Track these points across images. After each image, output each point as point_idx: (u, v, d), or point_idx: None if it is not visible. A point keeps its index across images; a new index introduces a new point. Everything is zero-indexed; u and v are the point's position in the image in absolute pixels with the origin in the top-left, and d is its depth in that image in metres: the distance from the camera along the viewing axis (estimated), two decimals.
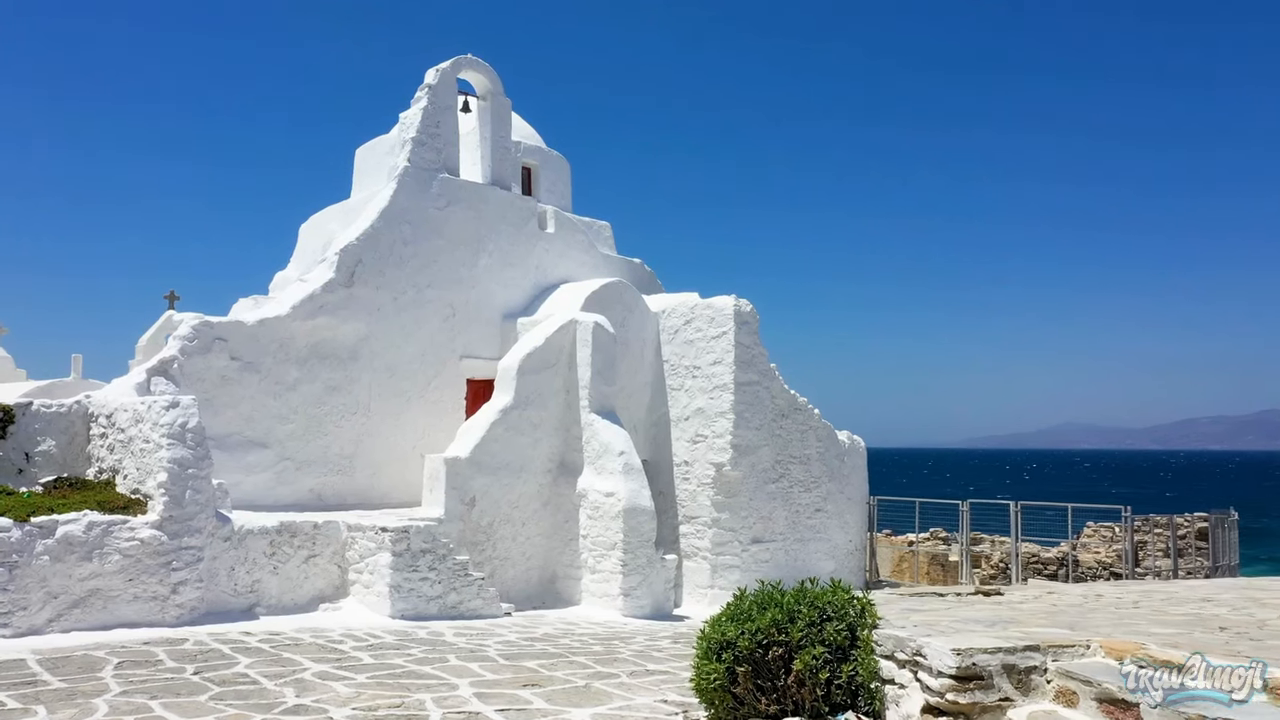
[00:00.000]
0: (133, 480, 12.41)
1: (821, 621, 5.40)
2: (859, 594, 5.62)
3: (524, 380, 16.16)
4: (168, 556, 11.68)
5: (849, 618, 5.40)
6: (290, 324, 15.35)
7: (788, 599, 5.61)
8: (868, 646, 5.30)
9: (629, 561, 15.54)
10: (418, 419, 16.95)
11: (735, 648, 5.43)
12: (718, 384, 18.12)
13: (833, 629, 5.33)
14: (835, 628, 5.34)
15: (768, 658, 5.38)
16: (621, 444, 16.24)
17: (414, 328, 16.94)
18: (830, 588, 5.63)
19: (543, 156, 20.43)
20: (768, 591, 5.78)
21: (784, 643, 5.34)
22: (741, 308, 18.25)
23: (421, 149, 17.21)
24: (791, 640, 5.33)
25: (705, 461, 18.09)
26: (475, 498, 15.27)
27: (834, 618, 5.42)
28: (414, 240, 16.95)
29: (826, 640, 5.31)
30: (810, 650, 5.22)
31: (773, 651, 5.36)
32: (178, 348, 14.26)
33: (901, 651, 5.11)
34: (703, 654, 5.70)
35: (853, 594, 5.60)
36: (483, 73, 18.45)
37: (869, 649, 5.30)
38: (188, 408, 12.18)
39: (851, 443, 20.92)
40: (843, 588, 5.63)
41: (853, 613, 5.44)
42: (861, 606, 5.48)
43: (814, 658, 5.20)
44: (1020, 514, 19.57)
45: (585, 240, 19.98)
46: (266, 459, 15.14)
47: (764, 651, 5.40)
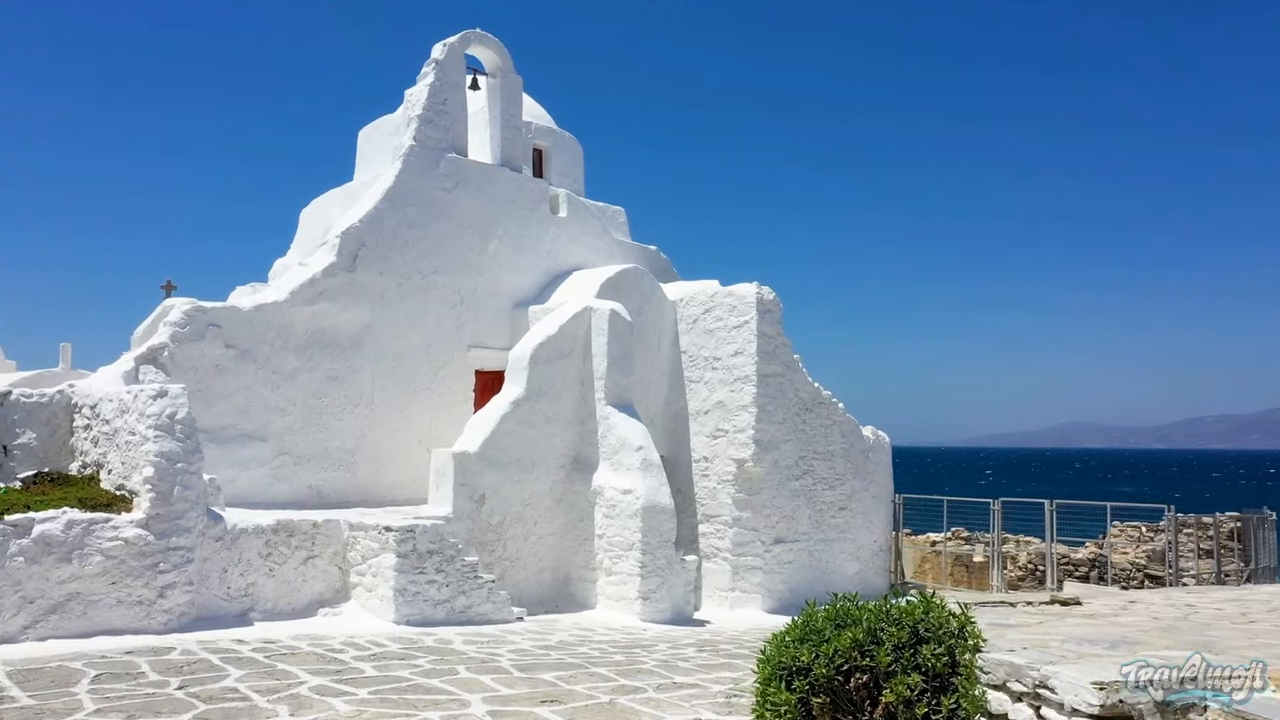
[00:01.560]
0: (118, 475, 11.52)
1: (914, 643, 4.49)
2: (957, 608, 4.71)
3: (536, 371, 15.25)
4: (154, 558, 10.78)
5: (946, 639, 4.49)
6: (289, 310, 14.45)
7: (868, 615, 4.70)
8: (971, 674, 4.41)
9: (647, 563, 14.65)
10: (424, 411, 16.05)
11: (810, 674, 4.52)
12: (739, 376, 17.22)
13: (929, 652, 4.42)
14: (932, 651, 4.43)
15: (849, 686, 4.48)
16: (639, 438, 15.33)
17: (420, 315, 16.04)
18: (921, 601, 4.72)
19: (554, 138, 19.52)
20: (843, 605, 4.87)
21: (869, 669, 4.44)
22: (764, 296, 17.35)
23: (428, 127, 16.30)
24: (879, 666, 4.42)
25: (726, 457, 17.19)
26: (485, 495, 14.37)
27: (929, 638, 4.51)
28: (420, 223, 16.04)
29: (922, 666, 4.40)
30: (903, 679, 4.32)
31: (855, 679, 4.46)
32: (168, 334, 13.37)
33: (1018, 681, 4.22)
34: (767, 680, 4.79)
35: (948, 609, 4.69)
36: (492, 48, 17.54)
37: (973, 677, 4.41)
38: (176, 397, 11.28)
39: (876, 438, 20.02)
40: (936, 602, 4.72)
41: (950, 632, 4.53)
42: (960, 625, 4.57)
43: (908, 687, 4.30)
44: (1055, 513, 18.68)
45: (599, 225, 19.07)
46: (263, 453, 14.25)
47: (844, 679, 4.49)
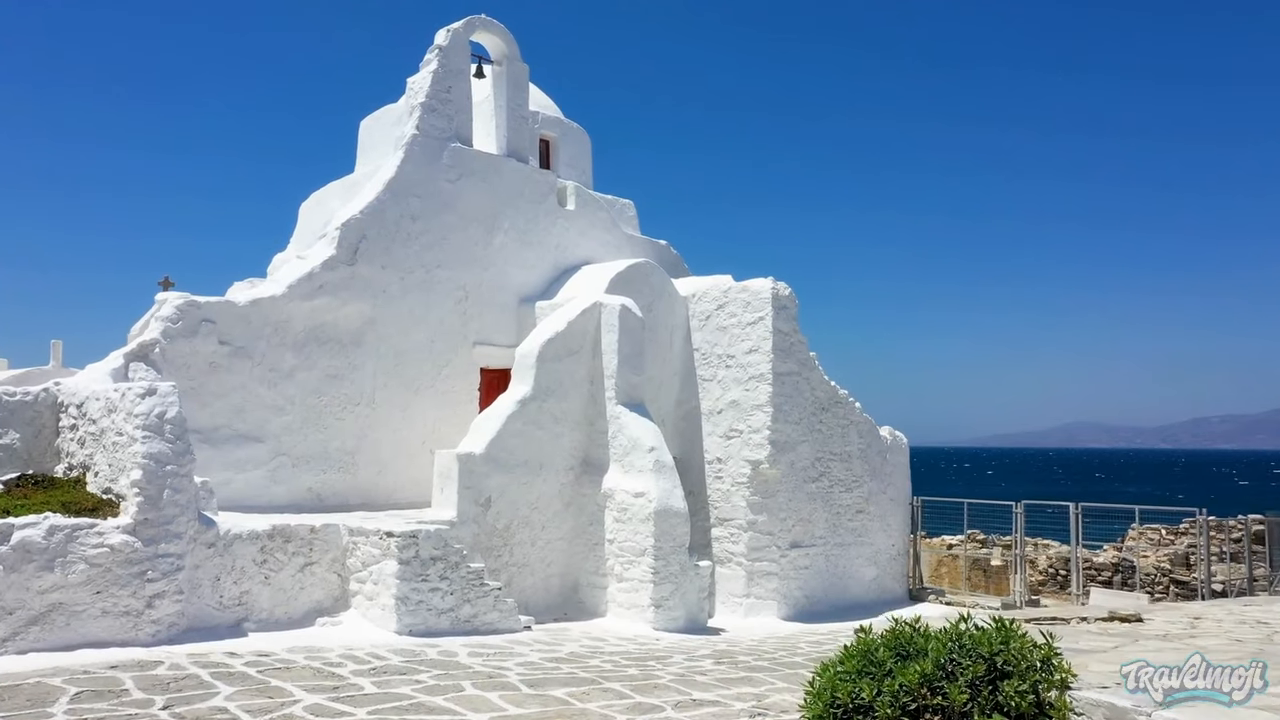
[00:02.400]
0: (105, 478, 10.92)
1: (993, 678, 3.88)
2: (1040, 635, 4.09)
3: (544, 369, 14.64)
4: (142, 565, 10.18)
5: (1030, 673, 3.88)
6: (286, 305, 13.85)
7: (935, 644, 4.08)
8: (1063, 716, 3.80)
9: (660, 569, 14.04)
10: (427, 411, 15.45)
11: (872, 715, 3.91)
12: (753, 374, 16.60)
13: (1011, 689, 3.81)
14: (1015, 688, 3.82)
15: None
16: (651, 439, 14.72)
17: (423, 311, 15.43)
18: (996, 627, 4.10)
19: (562, 128, 18.90)
20: (904, 631, 4.25)
21: (942, 709, 3.83)
22: (780, 291, 16.74)
23: (431, 116, 15.69)
24: (954, 705, 3.81)
25: (740, 459, 16.57)
26: (490, 498, 13.77)
27: (1010, 672, 3.89)
28: (423, 215, 15.43)
29: (1004, 706, 3.79)
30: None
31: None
32: (160, 330, 12.77)
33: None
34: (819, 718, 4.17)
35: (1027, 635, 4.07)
36: (498, 35, 16.93)
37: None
38: (166, 396, 10.68)
39: (894, 439, 19.42)
40: (1014, 628, 4.10)
41: (1033, 665, 3.92)
42: (1045, 656, 3.96)
43: None
44: (1081, 516, 18.04)
45: (608, 219, 18.46)
46: (259, 455, 13.65)
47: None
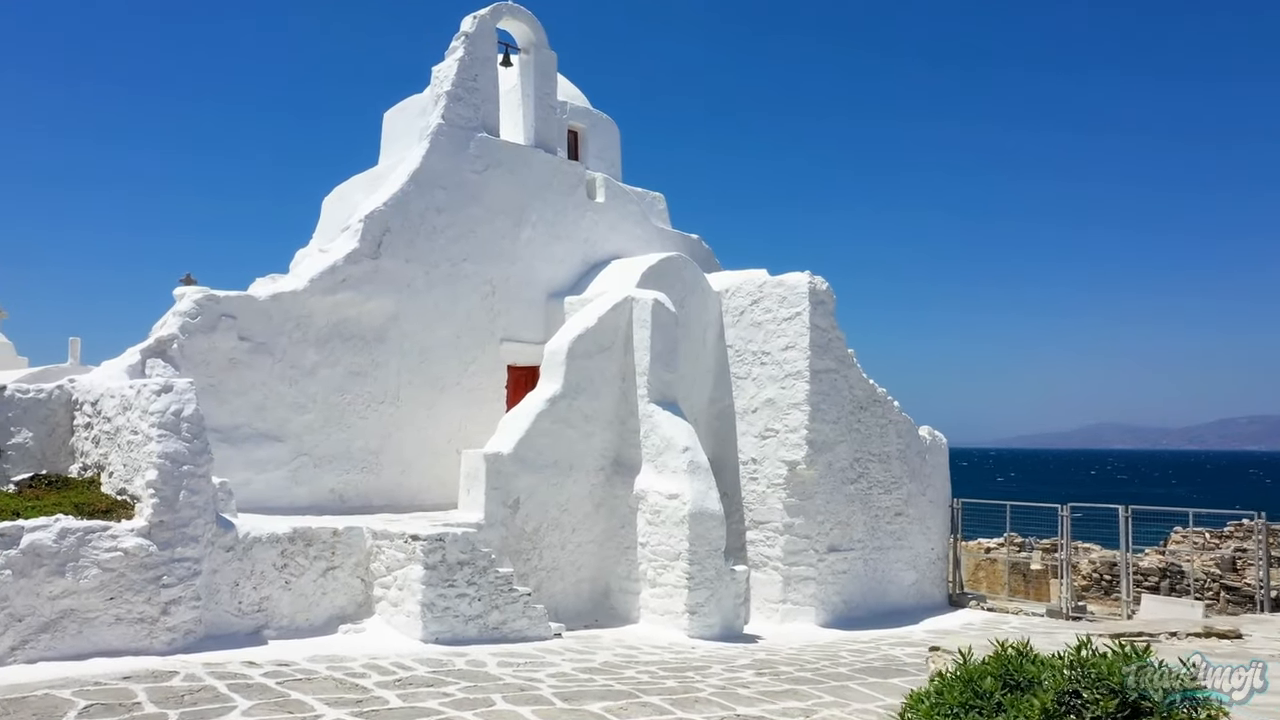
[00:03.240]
0: (119, 479, 10.48)
1: (1128, 715, 3.29)
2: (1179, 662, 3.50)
3: (574, 365, 14.11)
4: (157, 570, 9.71)
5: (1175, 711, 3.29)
6: (308, 299, 13.38)
7: (1052, 674, 3.49)
8: None
9: (695, 574, 13.47)
10: (453, 410, 14.95)
11: None
12: (790, 372, 16.00)
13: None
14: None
15: None
16: (685, 438, 14.16)
17: (449, 306, 14.93)
18: (1122, 652, 3.52)
19: (590, 119, 18.36)
20: (1009, 656, 3.67)
21: None
22: (817, 285, 16.13)
23: (457, 105, 15.19)
24: None
25: (776, 459, 15.97)
26: (519, 500, 13.25)
27: (1147, 709, 3.31)
28: (448, 207, 14.93)
29: None
30: None
31: None
32: (178, 325, 12.33)
33: None
34: None
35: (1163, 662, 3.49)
36: (525, 22, 16.42)
37: None
38: (183, 393, 10.22)
39: (933, 439, 18.77)
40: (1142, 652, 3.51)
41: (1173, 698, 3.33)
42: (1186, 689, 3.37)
43: None
44: (1131, 519, 17.31)
45: (638, 212, 17.91)
46: (280, 454, 13.18)
47: None
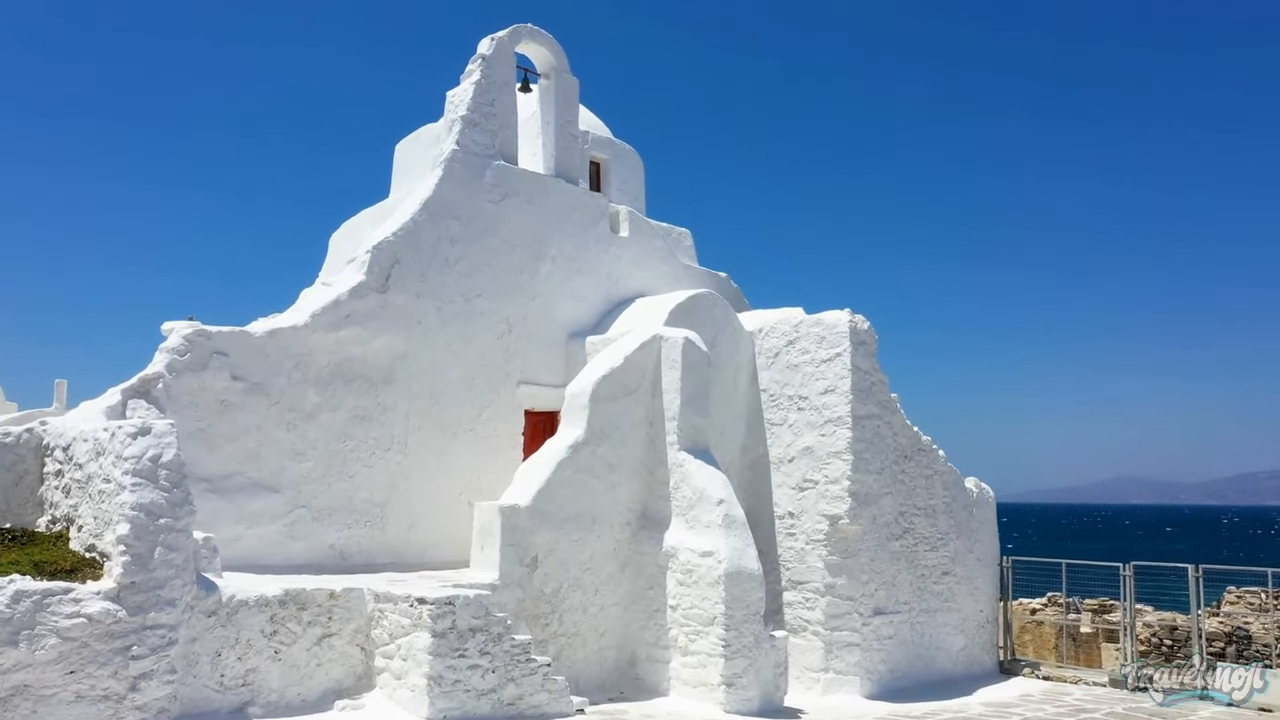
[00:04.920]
0: (89, 533, 9.28)
1: None
2: None
3: (598, 409, 12.91)
4: (126, 639, 8.48)
5: None
6: (309, 336, 12.26)
7: None
8: None
9: (732, 641, 12.14)
10: (465, 458, 13.74)
11: None
12: (830, 418, 14.76)
13: None
14: None
15: None
16: (720, 490, 12.91)
17: (462, 345, 13.80)
18: None
19: (613, 150, 17.37)
20: None
21: None
22: (858, 325, 14.95)
23: (473, 130, 14.19)
24: None
25: (816, 513, 14.67)
26: (537, 558, 11.99)
27: None
28: (463, 239, 13.87)
29: None
30: None
31: None
32: (164, 363, 11.21)
33: None
34: None
35: None
36: (546, 46, 15.49)
37: None
38: (162, 436, 9.06)
39: (980, 492, 17.45)
40: None
41: None
42: None
43: None
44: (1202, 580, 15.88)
45: (664, 248, 16.83)
46: (275, 506, 11.98)
47: None
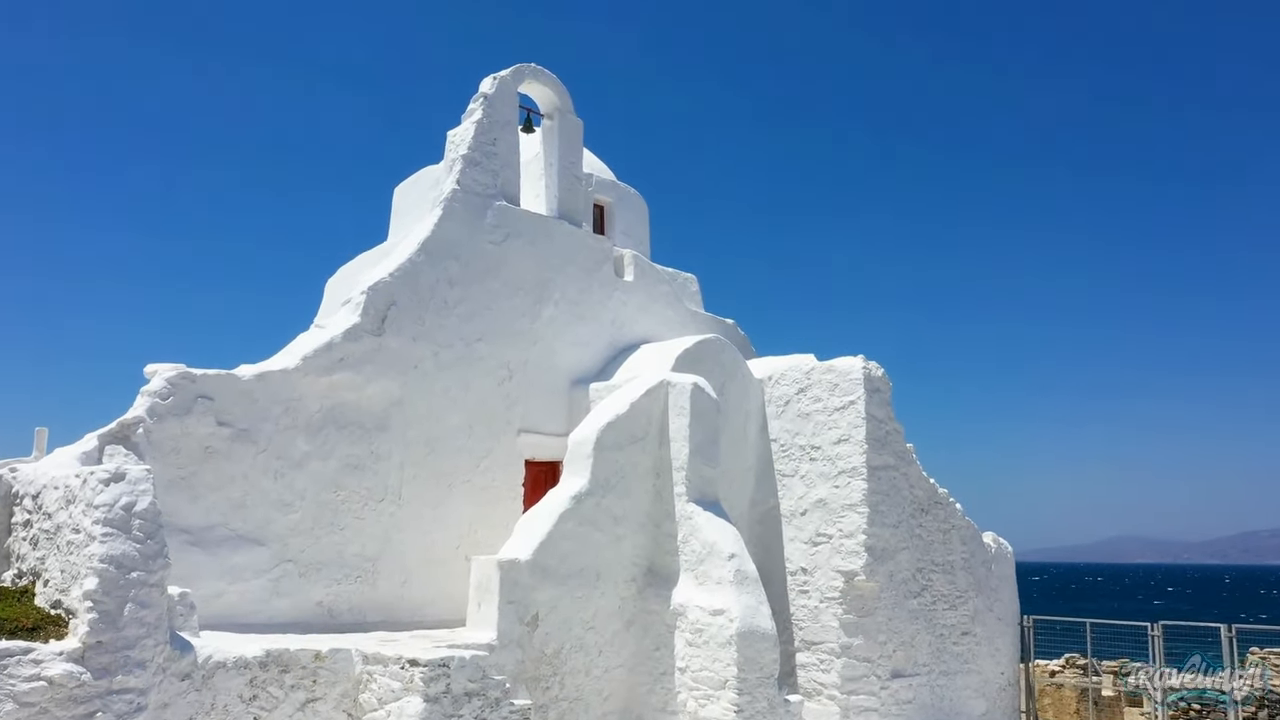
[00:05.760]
0: (55, 587, 8.60)
1: None
2: None
3: (603, 458, 12.29)
4: (90, 704, 7.75)
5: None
6: (300, 380, 11.67)
7: None
8: None
9: (745, 706, 11.39)
10: (463, 510, 13.08)
11: None
12: (844, 469, 14.13)
13: None
14: None
15: None
16: (731, 544, 12.24)
17: (460, 392, 13.21)
18: None
19: (617, 193, 16.96)
20: None
21: None
22: (872, 372, 14.39)
23: (474, 170, 13.76)
24: None
25: (830, 569, 13.98)
26: (538, 616, 11.28)
27: None
28: (462, 281, 13.35)
29: None
30: None
31: None
32: (145, 406, 10.60)
33: None
34: None
35: None
36: (549, 86, 15.13)
37: None
38: (137, 483, 8.42)
39: (998, 547, 16.76)
40: None
41: None
42: None
43: None
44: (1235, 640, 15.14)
45: (670, 293, 16.33)
46: (260, 560, 11.29)
47: None
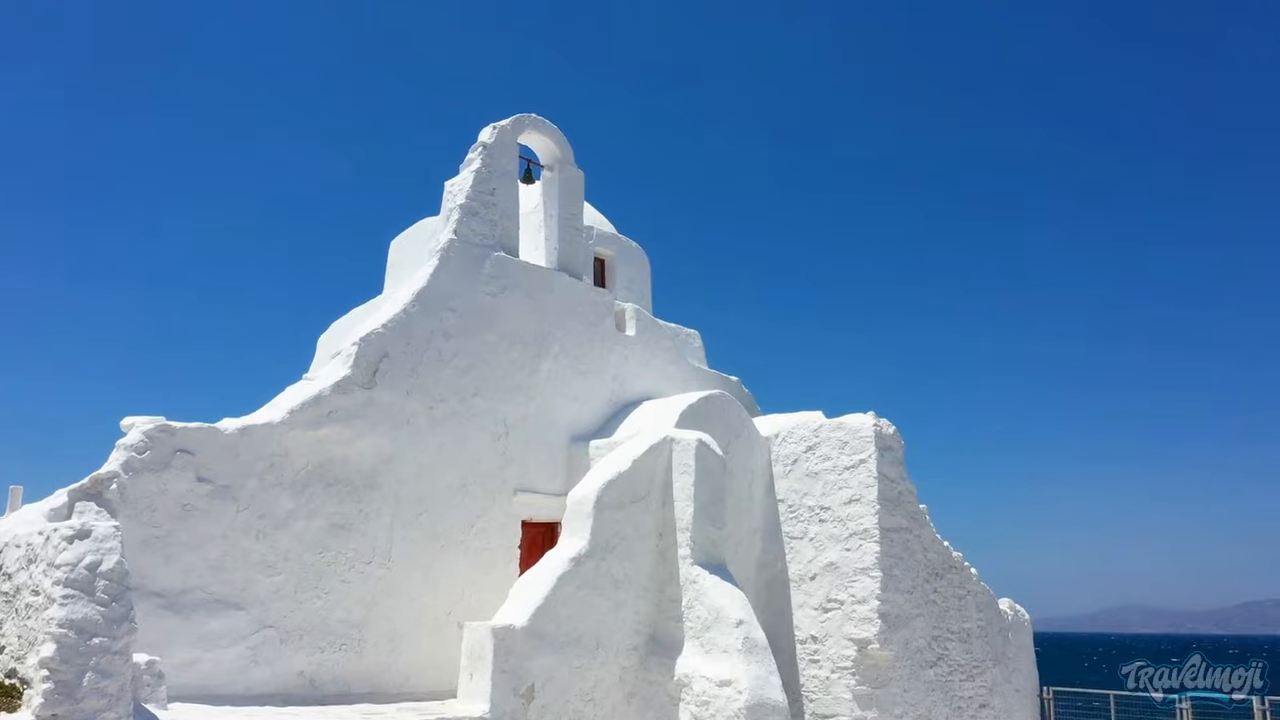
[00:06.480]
0: (11, 655, 7.96)
1: None
2: None
3: (603, 518, 11.68)
4: None
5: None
6: (286, 435, 11.10)
7: None
8: None
9: None
10: (455, 573, 12.41)
11: None
12: (855, 530, 13.51)
13: None
14: None
15: None
16: (739, 610, 11.57)
17: (454, 448, 12.63)
18: None
19: (619, 246, 16.58)
20: None
21: None
22: (883, 429, 13.85)
23: (472, 219, 13.37)
24: None
25: (842, 637, 13.27)
26: (534, 686, 10.56)
27: None
28: (458, 333, 12.87)
29: None
30: None
31: None
32: (120, 461, 10.02)
33: None
34: None
35: None
36: (550, 137, 14.83)
37: None
38: (103, 540, 7.83)
39: (1015, 615, 16.04)
40: None
41: None
42: None
43: None
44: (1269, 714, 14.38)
45: (672, 349, 15.84)
46: (239, 625, 10.60)
47: None
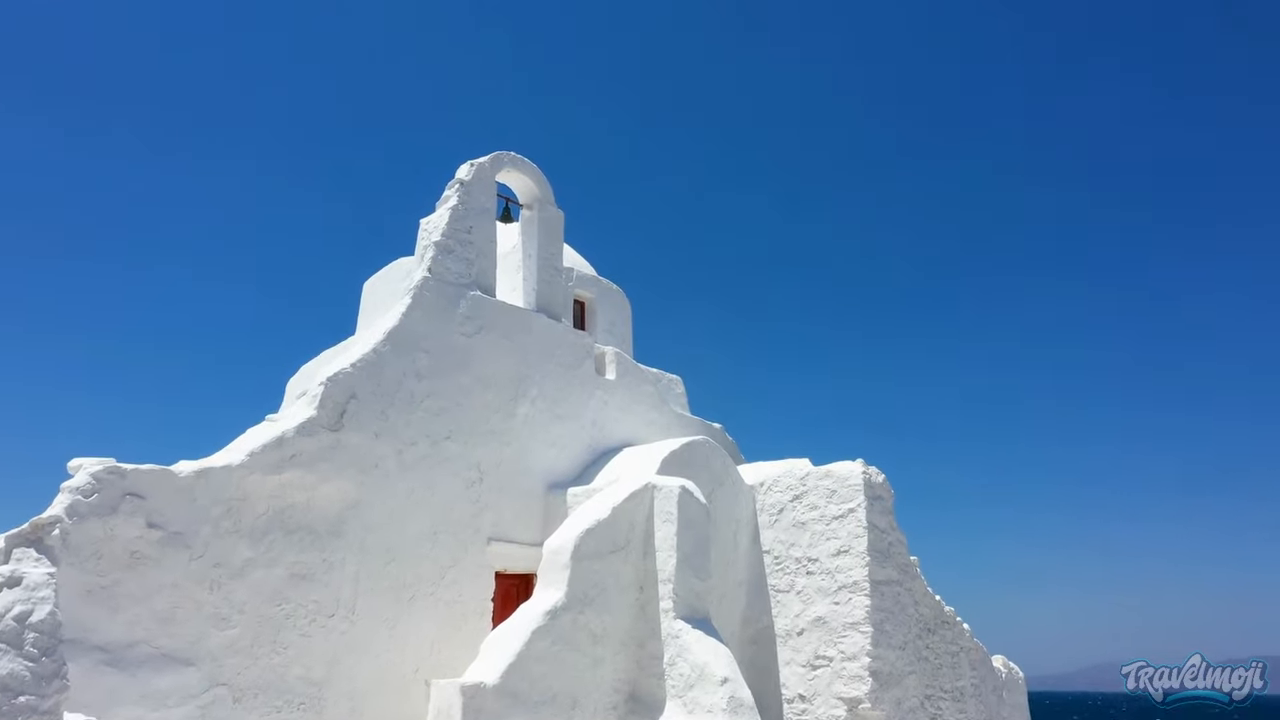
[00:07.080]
0: None
1: None
2: None
3: (581, 568, 11.08)
4: None
5: None
6: (245, 479, 10.47)
7: None
8: None
9: None
10: (424, 627, 11.72)
11: None
12: (844, 583, 12.95)
13: None
14: None
15: None
16: (724, 667, 10.95)
17: (425, 494, 12.02)
18: None
19: (599, 289, 16.15)
20: None
21: None
22: (872, 477, 13.36)
23: (447, 258, 12.91)
24: None
25: (830, 695, 12.64)
26: None
27: None
28: (431, 375, 12.33)
29: None
30: None
31: None
32: (65, 505, 9.34)
33: None
34: None
35: None
36: (529, 175, 14.45)
37: None
38: (35, 589, 7.21)
39: (1009, 673, 15.47)
40: None
41: None
42: None
43: None
44: None
45: (654, 394, 15.35)
46: (189, 683, 9.86)
47: None
